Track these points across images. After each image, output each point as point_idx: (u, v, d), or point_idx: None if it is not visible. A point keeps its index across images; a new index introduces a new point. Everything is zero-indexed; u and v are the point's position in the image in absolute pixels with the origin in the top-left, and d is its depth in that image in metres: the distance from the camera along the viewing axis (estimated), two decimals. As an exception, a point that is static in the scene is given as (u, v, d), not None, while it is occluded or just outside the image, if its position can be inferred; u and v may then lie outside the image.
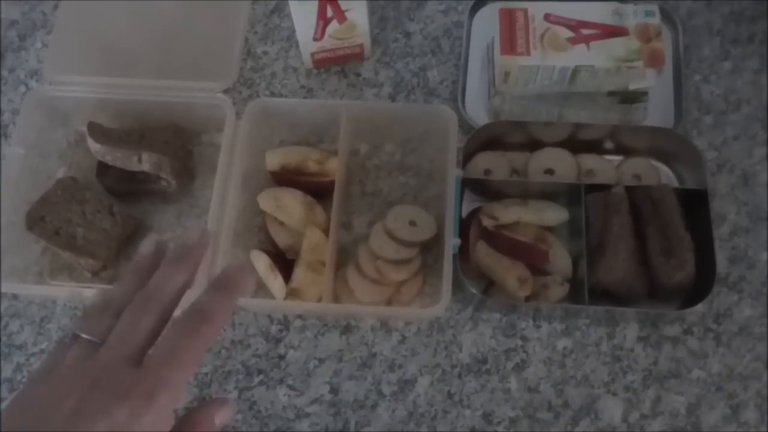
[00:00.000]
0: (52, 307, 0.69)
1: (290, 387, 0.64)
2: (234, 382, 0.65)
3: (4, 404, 0.65)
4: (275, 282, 0.65)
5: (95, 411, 0.38)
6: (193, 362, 0.40)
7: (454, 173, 0.64)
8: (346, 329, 0.66)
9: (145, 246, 0.48)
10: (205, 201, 0.72)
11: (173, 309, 0.42)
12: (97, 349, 0.40)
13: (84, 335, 0.41)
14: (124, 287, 0.44)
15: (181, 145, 0.73)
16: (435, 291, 0.65)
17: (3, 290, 0.68)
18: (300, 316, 0.67)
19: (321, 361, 0.65)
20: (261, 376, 0.65)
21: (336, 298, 0.65)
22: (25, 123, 0.70)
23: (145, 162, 0.68)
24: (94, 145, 0.68)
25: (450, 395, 0.63)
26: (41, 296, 0.69)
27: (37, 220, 0.67)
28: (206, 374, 0.65)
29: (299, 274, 0.64)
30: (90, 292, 0.64)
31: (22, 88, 0.80)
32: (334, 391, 0.64)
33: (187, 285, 0.43)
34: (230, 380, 0.65)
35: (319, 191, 0.69)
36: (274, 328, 0.67)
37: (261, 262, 0.66)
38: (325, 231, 0.66)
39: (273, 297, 0.65)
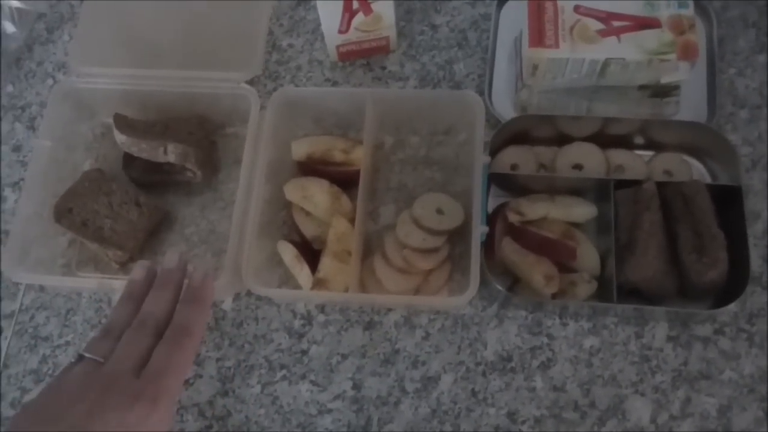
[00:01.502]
0: (78, 299, 0.69)
1: (313, 382, 0.64)
2: (257, 377, 0.65)
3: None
4: (302, 272, 0.64)
5: (108, 413, 0.44)
6: (184, 370, 0.49)
7: (481, 160, 0.63)
8: (370, 325, 0.66)
9: (136, 272, 0.55)
10: (229, 193, 0.72)
11: (165, 327, 0.50)
12: (100, 366, 0.47)
13: (88, 355, 0.48)
14: (121, 313, 0.52)
15: (206, 135, 0.73)
16: (462, 285, 0.64)
17: (31, 282, 0.69)
18: (323, 311, 0.67)
19: (344, 356, 0.65)
20: (284, 371, 0.65)
21: (363, 288, 0.65)
22: (52, 115, 0.71)
23: (170, 153, 0.68)
24: (119, 137, 0.68)
25: (474, 393, 0.63)
26: (67, 288, 0.70)
27: (65, 212, 0.68)
28: (229, 368, 0.65)
29: (326, 263, 0.64)
30: (119, 283, 0.64)
31: (50, 81, 0.81)
32: (356, 387, 0.64)
33: (173, 304, 0.52)
34: (253, 375, 0.65)
35: (345, 181, 0.68)
36: (297, 323, 0.66)
37: (287, 252, 0.66)
38: (351, 221, 0.65)
39: (300, 287, 0.65)
